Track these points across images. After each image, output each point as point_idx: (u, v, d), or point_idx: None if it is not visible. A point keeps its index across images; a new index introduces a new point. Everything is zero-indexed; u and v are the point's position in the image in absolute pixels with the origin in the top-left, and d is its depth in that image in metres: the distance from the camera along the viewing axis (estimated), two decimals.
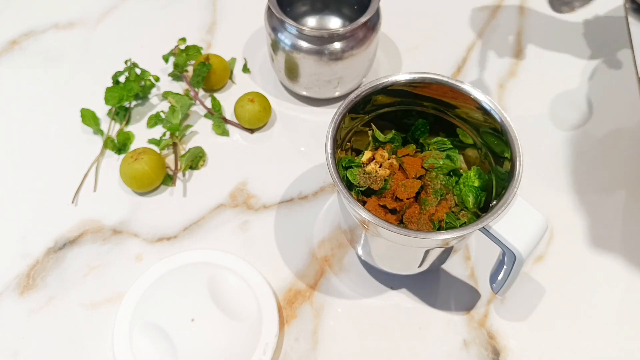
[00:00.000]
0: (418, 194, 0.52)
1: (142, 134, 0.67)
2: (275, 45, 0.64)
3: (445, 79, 0.50)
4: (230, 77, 0.72)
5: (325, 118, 0.57)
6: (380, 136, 0.54)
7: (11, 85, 0.72)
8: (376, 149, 0.54)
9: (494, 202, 0.48)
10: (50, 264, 0.58)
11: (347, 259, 0.59)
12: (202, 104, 0.68)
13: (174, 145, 0.65)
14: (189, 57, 0.70)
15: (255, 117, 0.66)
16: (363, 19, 0.60)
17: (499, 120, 0.48)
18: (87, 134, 0.67)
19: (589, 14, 0.79)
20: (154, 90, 0.71)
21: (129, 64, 0.68)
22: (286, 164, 0.65)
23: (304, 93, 0.68)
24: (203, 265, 0.55)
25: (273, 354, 0.51)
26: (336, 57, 0.62)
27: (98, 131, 0.66)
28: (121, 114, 0.67)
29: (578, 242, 0.60)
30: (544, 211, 0.45)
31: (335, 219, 0.61)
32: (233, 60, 0.73)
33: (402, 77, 0.50)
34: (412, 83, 0.51)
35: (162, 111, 0.68)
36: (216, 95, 0.70)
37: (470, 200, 0.50)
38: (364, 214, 0.44)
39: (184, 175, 0.64)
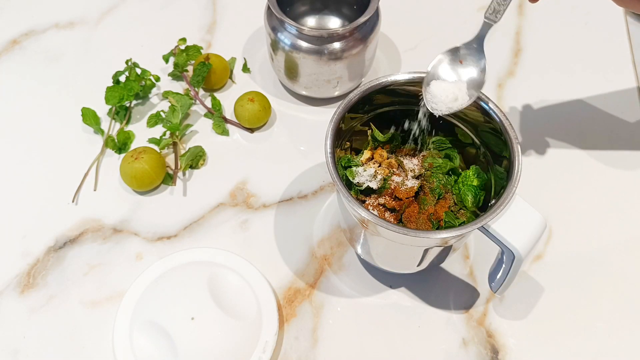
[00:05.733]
0: (417, 193, 0.52)
1: (142, 133, 0.67)
2: (275, 45, 0.64)
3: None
4: (230, 77, 0.73)
5: (325, 117, 0.58)
6: (380, 135, 0.54)
7: (12, 85, 0.72)
8: (375, 148, 0.55)
9: (493, 201, 0.48)
10: (50, 262, 0.58)
11: (346, 258, 0.59)
12: (202, 103, 0.68)
13: (174, 144, 0.65)
14: (189, 57, 0.70)
15: (255, 117, 0.66)
16: (362, 19, 0.60)
17: (498, 119, 0.48)
18: (88, 133, 0.67)
19: (588, 14, 0.80)
20: (154, 90, 0.71)
21: (129, 63, 0.68)
22: (286, 163, 0.65)
23: (304, 92, 0.68)
24: (203, 264, 0.55)
25: (273, 352, 0.52)
26: (335, 56, 0.62)
27: (98, 130, 0.67)
28: (121, 113, 0.68)
29: (576, 241, 0.60)
30: (543, 210, 0.46)
31: (334, 218, 0.61)
32: (233, 60, 0.73)
33: (402, 76, 0.50)
34: (411, 82, 0.51)
35: (162, 111, 0.68)
36: (216, 94, 0.71)
37: (469, 199, 0.51)
38: (363, 213, 0.44)
39: (184, 174, 0.64)
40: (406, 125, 0.54)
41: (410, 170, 0.53)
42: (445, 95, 0.48)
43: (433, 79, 0.48)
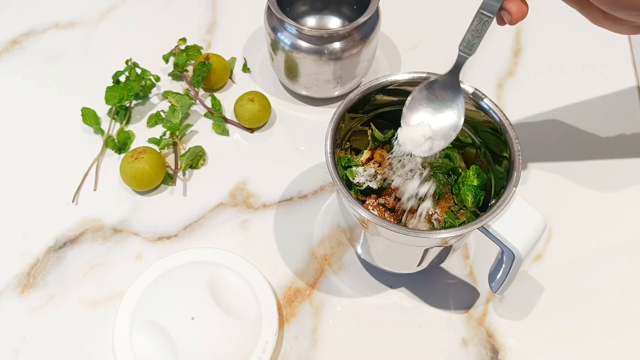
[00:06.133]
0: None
1: (142, 133, 0.67)
2: (275, 45, 0.64)
3: None
4: (230, 77, 0.73)
5: (325, 117, 0.58)
6: (380, 135, 0.54)
7: (12, 85, 0.72)
8: (375, 148, 0.55)
9: (493, 201, 0.48)
10: (50, 262, 0.58)
11: (346, 258, 0.59)
12: (202, 103, 0.68)
13: (174, 144, 0.65)
14: (189, 56, 0.70)
15: (255, 117, 0.66)
16: (362, 19, 0.60)
17: (498, 119, 0.48)
18: (88, 133, 0.67)
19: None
20: (154, 90, 0.71)
21: (129, 63, 0.68)
22: (286, 163, 0.65)
23: (304, 92, 0.68)
24: (203, 264, 0.55)
25: (273, 352, 0.52)
26: (335, 56, 0.62)
27: (98, 130, 0.67)
28: (121, 113, 0.68)
29: (577, 241, 0.60)
30: (543, 210, 0.46)
31: (334, 218, 0.61)
32: (233, 59, 0.73)
33: (401, 76, 0.50)
34: (411, 82, 0.51)
35: (162, 110, 0.68)
36: (216, 94, 0.71)
37: (469, 199, 0.51)
38: (363, 213, 0.44)
39: (184, 174, 0.64)
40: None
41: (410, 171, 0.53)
42: (417, 138, 0.46)
43: (407, 115, 0.46)
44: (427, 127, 0.46)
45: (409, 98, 0.47)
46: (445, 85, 0.47)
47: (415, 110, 0.47)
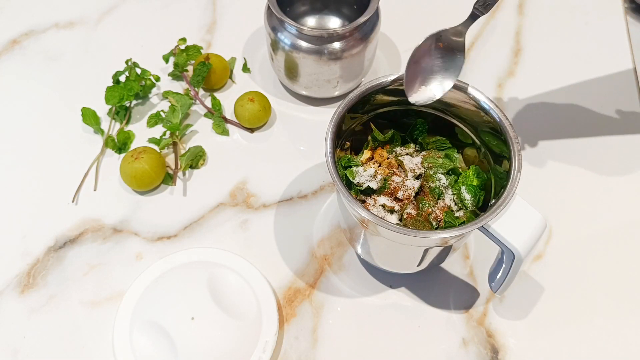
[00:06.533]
0: (417, 193, 0.52)
1: (142, 133, 0.67)
2: (275, 45, 0.64)
3: None
4: (230, 77, 0.73)
5: (325, 117, 0.58)
6: (380, 135, 0.54)
7: (12, 85, 0.72)
8: (375, 148, 0.55)
9: (493, 201, 0.48)
10: (50, 262, 0.58)
11: (346, 258, 0.59)
12: (202, 103, 0.68)
13: (174, 144, 0.65)
14: (189, 56, 0.70)
15: (255, 117, 0.66)
16: (362, 19, 0.60)
17: (498, 119, 0.48)
18: (88, 133, 0.67)
19: (588, 14, 0.80)
20: (154, 90, 0.71)
21: (129, 63, 0.68)
22: (286, 163, 0.65)
23: (304, 92, 0.68)
24: (203, 264, 0.55)
25: (273, 352, 0.52)
26: (335, 56, 0.62)
27: (98, 130, 0.67)
28: (121, 113, 0.68)
29: (577, 241, 0.60)
30: (543, 210, 0.46)
31: (334, 218, 0.61)
32: (233, 59, 0.73)
33: (402, 76, 0.50)
34: None
35: (162, 110, 0.68)
36: (216, 94, 0.71)
37: (469, 199, 0.51)
38: (363, 213, 0.44)
39: (184, 174, 0.64)
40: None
41: (410, 170, 0.53)
42: (419, 84, 0.47)
43: (411, 65, 0.48)
44: (434, 73, 0.48)
45: (414, 48, 0.48)
46: (452, 34, 0.48)
47: (418, 59, 0.48)
